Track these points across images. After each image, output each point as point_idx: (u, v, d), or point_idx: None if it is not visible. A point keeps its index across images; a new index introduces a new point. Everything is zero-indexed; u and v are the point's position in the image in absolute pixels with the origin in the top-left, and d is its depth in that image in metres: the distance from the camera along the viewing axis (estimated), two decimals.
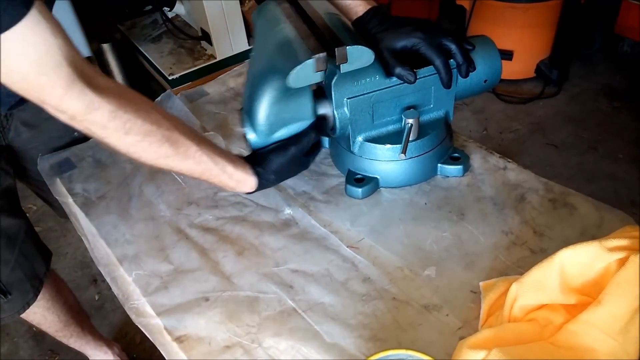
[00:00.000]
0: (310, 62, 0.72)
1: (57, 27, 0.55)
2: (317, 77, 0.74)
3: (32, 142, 1.04)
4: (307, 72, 0.73)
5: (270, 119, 0.79)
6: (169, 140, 0.67)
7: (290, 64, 0.73)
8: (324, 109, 0.82)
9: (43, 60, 0.54)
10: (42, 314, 1.17)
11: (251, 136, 0.80)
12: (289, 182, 0.92)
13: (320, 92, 0.83)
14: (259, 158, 0.78)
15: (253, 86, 0.80)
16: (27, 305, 1.08)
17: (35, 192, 1.22)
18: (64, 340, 1.32)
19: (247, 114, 0.81)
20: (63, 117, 0.60)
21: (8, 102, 0.95)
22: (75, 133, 1.07)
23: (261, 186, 0.78)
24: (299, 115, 0.80)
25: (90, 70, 0.59)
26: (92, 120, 0.61)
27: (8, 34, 0.51)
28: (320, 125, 0.81)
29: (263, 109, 0.78)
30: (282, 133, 0.80)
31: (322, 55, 0.72)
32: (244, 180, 0.76)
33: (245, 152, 0.84)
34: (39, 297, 1.10)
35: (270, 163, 0.78)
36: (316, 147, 0.83)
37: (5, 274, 1.00)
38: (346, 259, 0.79)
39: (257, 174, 0.77)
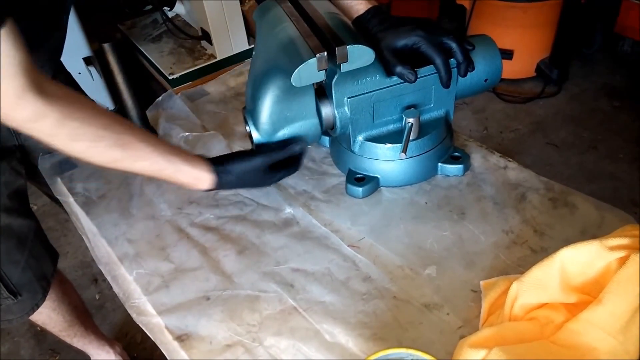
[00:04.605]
0: (312, 61, 0.73)
1: (20, 42, 0.58)
2: (320, 76, 0.75)
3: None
4: (309, 71, 0.74)
5: (273, 117, 0.80)
6: (120, 144, 0.68)
7: (293, 63, 0.73)
8: (326, 108, 0.83)
9: (2, 69, 0.56)
10: (47, 314, 1.17)
11: (255, 135, 0.81)
12: (290, 182, 0.92)
13: (322, 91, 0.83)
14: (222, 159, 0.78)
15: (255, 86, 0.81)
16: (37, 306, 1.08)
17: (45, 192, 1.21)
18: (67, 340, 1.32)
19: (250, 113, 0.82)
20: (11, 124, 0.61)
21: None
22: None
23: (221, 185, 0.77)
24: (302, 114, 0.81)
25: (41, 79, 0.60)
26: (38, 128, 0.62)
27: None
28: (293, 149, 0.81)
29: (266, 108, 0.79)
30: (285, 132, 0.81)
31: (324, 54, 0.73)
32: (200, 178, 0.75)
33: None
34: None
35: (232, 165, 0.77)
36: (284, 165, 0.81)
37: (16, 275, 1.00)
38: (347, 258, 0.79)
39: (217, 173, 0.76)
